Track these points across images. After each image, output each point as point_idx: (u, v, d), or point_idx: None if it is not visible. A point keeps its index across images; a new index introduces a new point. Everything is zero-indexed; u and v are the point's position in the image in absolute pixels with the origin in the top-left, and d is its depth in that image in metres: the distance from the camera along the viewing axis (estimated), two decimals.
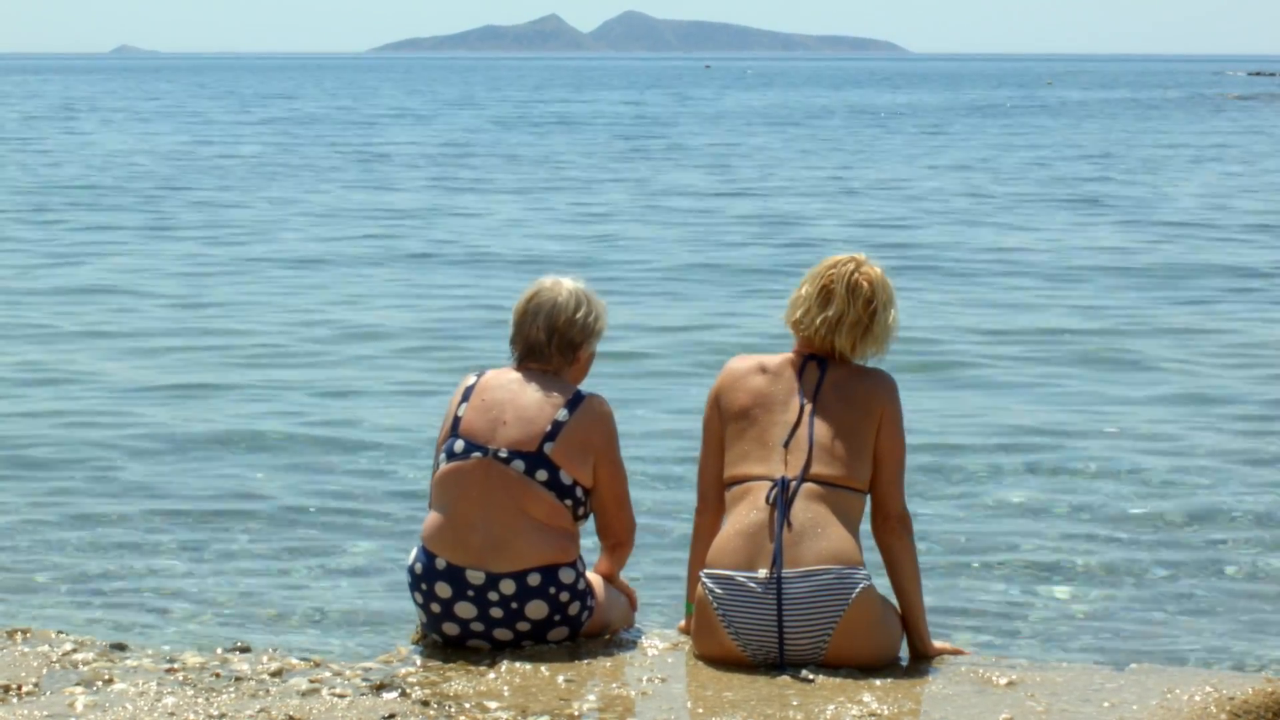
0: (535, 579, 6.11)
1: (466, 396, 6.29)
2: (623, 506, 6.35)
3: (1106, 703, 5.61)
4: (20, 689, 5.73)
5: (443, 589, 6.16)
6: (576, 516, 6.23)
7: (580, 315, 6.33)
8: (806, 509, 5.94)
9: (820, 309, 6.13)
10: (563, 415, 6.18)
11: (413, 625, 6.57)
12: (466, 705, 5.57)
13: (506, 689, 5.73)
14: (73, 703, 5.58)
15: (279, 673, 5.95)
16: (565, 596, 6.16)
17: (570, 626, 6.22)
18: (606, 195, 30.96)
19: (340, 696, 5.64)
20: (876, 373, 6.17)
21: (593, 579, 6.35)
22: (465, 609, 6.15)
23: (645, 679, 5.86)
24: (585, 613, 6.24)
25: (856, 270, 6.15)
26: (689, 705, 5.61)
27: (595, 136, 52.39)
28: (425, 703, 5.59)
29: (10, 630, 6.52)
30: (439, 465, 6.29)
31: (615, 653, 6.17)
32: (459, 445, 6.22)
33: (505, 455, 6.15)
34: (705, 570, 6.02)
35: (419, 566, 6.22)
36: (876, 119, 66.37)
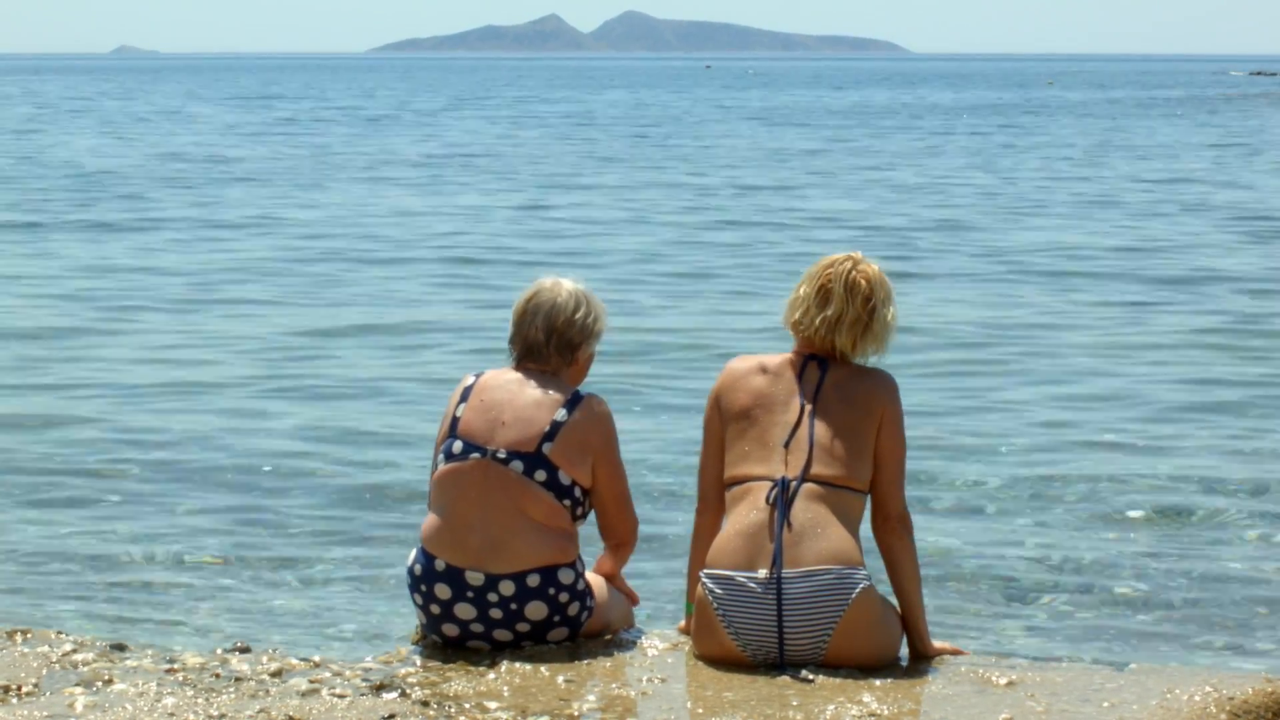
0: (534, 580, 6.11)
1: (465, 397, 6.28)
2: (623, 506, 6.34)
3: (1106, 703, 5.61)
4: (20, 689, 5.73)
5: (442, 590, 6.16)
6: (575, 517, 6.23)
7: (579, 316, 6.32)
8: (807, 509, 5.93)
9: (819, 309, 6.12)
10: (561, 415, 6.18)
11: (412, 626, 6.57)
12: (466, 705, 5.57)
13: (506, 689, 5.73)
14: (72, 703, 5.58)
15: (279, 673, 5.95)
16: (564, 597, 6.16)
17: (570, 627, 6.21)
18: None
19: (340, 697, 5.64)
20: (877, 373, 6.17)
21: (592, 579, 6.35)
22: (465, 610, 6.15)
23: (645, 679, 5.86)
24: (585, 613, 6.24)
25: (854, 268, 6.15)
26: (689, 705, 5.61)
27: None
28: (425, 703, 5.58)
29: (10, 630, 6.52)
30: (437, 466, 6.28)
31: (615, 653, 6.16)
32: (457, 446, 6.21)
33: (504, 456, 6.15)
34: (705, 570, 6.01)
35: (418, 568, 6.22)
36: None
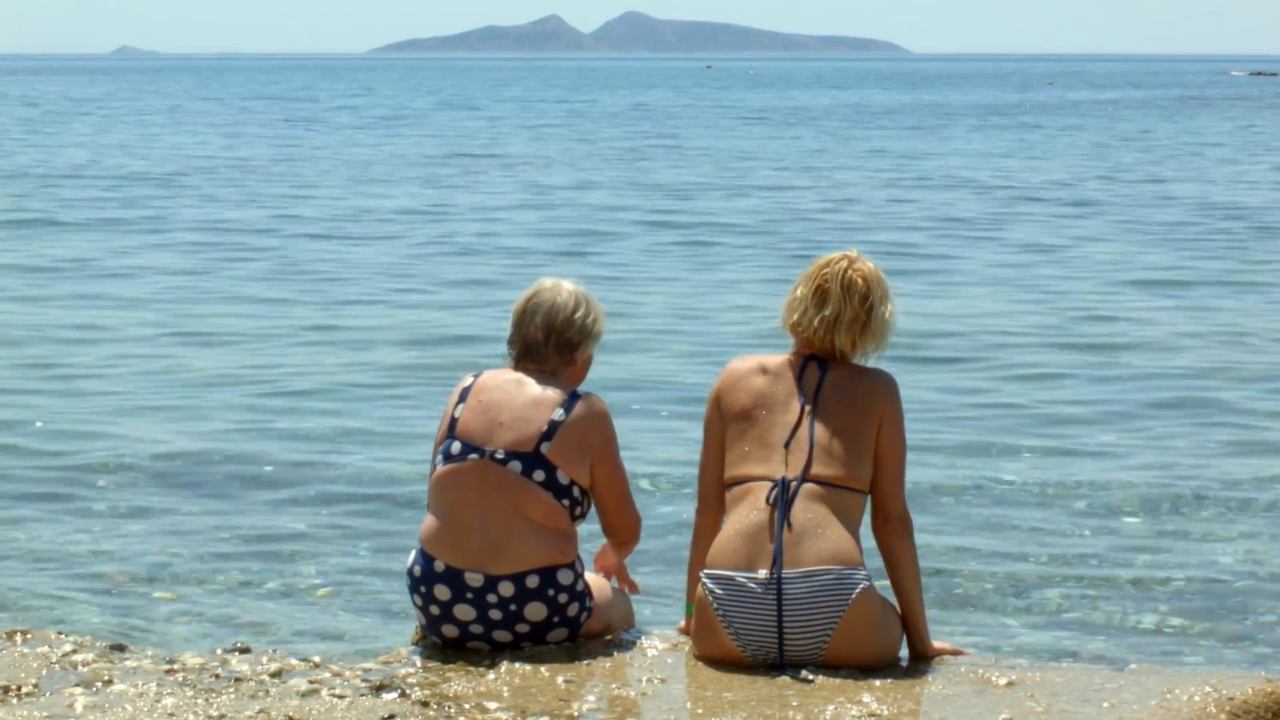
0: (534, 581, 6.11)
1: (463, 398, 6.28)
2: (624, 505, 6.34)
3: (1106, 703, 5.61)
4: (20, 690, 5.73)
5: (441, 591, 6.15)
6: (574, 516, 6.22)
7: (579, 316, 6.32)
8: (807, 509, 5.93)
9: (817, 309, 6.12)
10: (559, 415, 6.17)
11: (412, 626, 6.57)
12: (466, 706, 5.57)
13: (506, 690, 5.73)
14: (72, 703, 5.58)
15: (279, 673, 5.95)
16: (564, 598, 6.16)
17: (569, 628, 6.21)
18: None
19: (340, 697, 5.63)
20: (877, 373, 6.17)
21: (591, 580, 6.35)
22: (464, 611, 6.14)
23: (645, 679, 5.86)
24: (584, 614, 6.24)
25: (850, 267, 6.14)
26: (689, 706, 5.61)
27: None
28: (425, 703, 5.58)
29: (10, 631, 6.52)
30: (436, 467, 6.28)
31: (615, 653, 6.16)
32: (456, 447, 6.21)
33: (502, 456, 6.15)
34: (705, 571, 6.01)
35: (417, 569, 6.22)
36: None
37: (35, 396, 12.82)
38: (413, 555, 6.27)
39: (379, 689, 5.73)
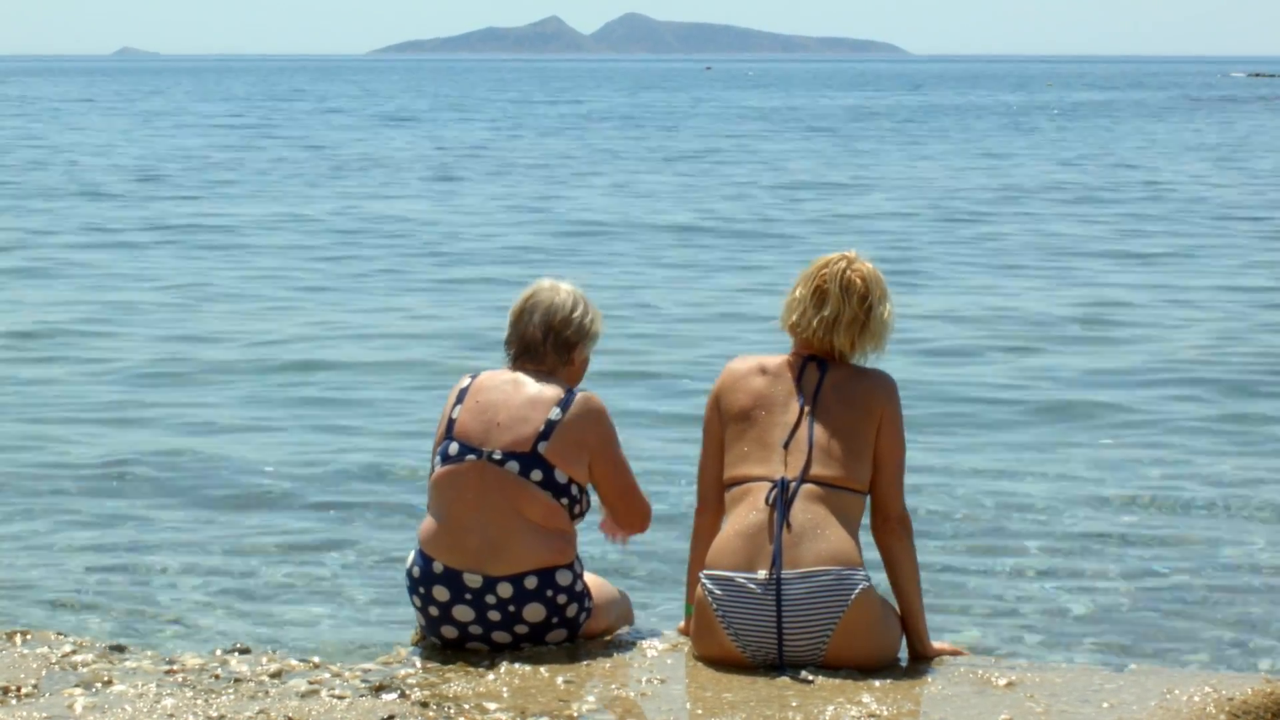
0: (532, 582, 6.11)
1: (461, 398, 6.28)
2: (631, 499, 6.33)
3: (1106, 703, 5.60)
4: (19, 690, 5.73)
5: (440, 592, 6.15)
6: (573, 514, 6.22)
7: (577, 315, 6.32)
8: (806, 510, 5.93)
9: (816, 310, 6.12)
10: (556, 414, 6.17)
11: (412, 627, 6.57)
12: (466, 706, 5.57)
13: (506, 690, 5.73)
14: (72, 704, 5.58)
15: (278, 674, 5.95)
16: (563, 599, 6.16)
17: (568, 628, 6.21)
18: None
19: (339, 698, 5.63)
20: (876, 373, 6.16)
21: (591, 580, 6.34)
22: (463, 612, 6.14)
23: (645, 680, 5.85)
24: (583, 614, 6.24)
25: (848, 268, 6.14)
26: (688, 706, 5.61)
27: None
28: (424, 704, 5.58)
29: (10, 631, 6.52)
30: (435, 468, 6.28)
31: (614, 654, 6.16)
32: (453, 448, 6.21)
33: (500, 457, 6.14)
34: (705, 571, 6.01)
35: (416, 570, 6.22)
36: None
37: (38, 394, 12.83)
38: (412, 556, 6.27)
39: (379, 689, 5.72)
